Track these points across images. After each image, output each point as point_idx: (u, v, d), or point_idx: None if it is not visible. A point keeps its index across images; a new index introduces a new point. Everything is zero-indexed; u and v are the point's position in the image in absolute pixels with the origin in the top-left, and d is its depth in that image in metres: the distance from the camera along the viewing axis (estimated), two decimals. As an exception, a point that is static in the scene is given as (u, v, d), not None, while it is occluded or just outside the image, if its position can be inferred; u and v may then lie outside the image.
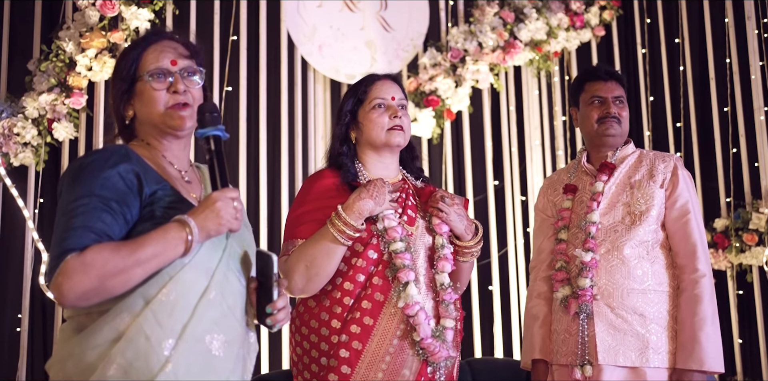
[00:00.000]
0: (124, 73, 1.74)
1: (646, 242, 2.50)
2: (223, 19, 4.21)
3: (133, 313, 1.55)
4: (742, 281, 4.51)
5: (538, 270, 2.69)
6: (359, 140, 2.35)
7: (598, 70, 2.69)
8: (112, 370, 1.51)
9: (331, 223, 2.13)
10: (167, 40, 1.78)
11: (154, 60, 1.73)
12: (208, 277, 1.61)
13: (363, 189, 2.17)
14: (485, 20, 4.59)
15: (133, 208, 1.61)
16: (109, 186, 1.58)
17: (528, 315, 2.67)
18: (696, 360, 2.36)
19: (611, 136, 2.60)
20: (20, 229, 3.65)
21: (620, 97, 2.63)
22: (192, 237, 1.56)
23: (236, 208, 1.61)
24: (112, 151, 1.65)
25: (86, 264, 1.49)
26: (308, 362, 2.18)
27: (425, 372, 2.16)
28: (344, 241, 2.13)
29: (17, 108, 3.62)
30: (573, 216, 2.61)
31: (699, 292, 2.43)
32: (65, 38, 3.67)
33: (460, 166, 4.72)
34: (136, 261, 1.52)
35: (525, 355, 2.64)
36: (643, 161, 2.61)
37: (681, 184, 2.54)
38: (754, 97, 4.60)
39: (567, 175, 2.73)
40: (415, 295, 2.15)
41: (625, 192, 2.56)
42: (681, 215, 2.52)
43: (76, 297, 1.50)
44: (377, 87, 2.34)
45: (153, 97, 1.72)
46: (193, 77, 1.76)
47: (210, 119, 1.67)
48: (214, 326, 1.60)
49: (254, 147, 4.22)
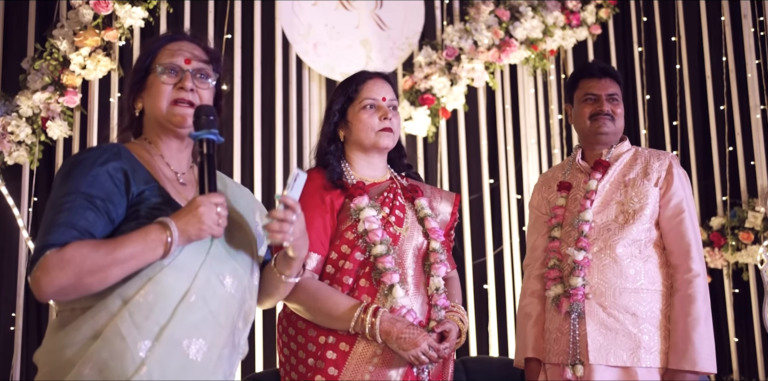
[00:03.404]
0: (139, 65, 1.78)
1: (639, 241, 2.48)
2: (218, 18, 4.21)
3: (111, 312, 1.55)
4: (738, 280, 4.51)
5: (531, 268, 2.67)
6: (347, 139, 2.33)
7: (593, 67, 2.66)
8: (87, 370, 1.51)
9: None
10: (188, 42, 1.80)
11: (169, 55, 1.76)
12: (189, 280, 1.61)
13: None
14: (481, 18, 4.59)
15: (119, 207, 1.61)
16: (96, 184, 1.60)
17: (521, 313, 2.65)
18: (689, 360, 2.34)
19: (604, 134, 2.58)
20: (14, 227, 3.65)
21: (614, 94, 2.60)
22: (172, 240, 1.56)
23: (219, 213, 1.60)
24: (105, 149, 1.67)
25: (64, 260, 1.51)
26: (295, 363, 2.18)
27: (411, 372, 2.15)
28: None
29: (11, 106, 3.62)
30: (567, 214, 2.59)
31: (692, 291, 2.40)
32: (59, 37, 3.67)
33: (455, 164, 4.71)
34: (114, 260, 1.52)
35: (518, 353, 2.62)
36: (638, 159, 2.59)
37: (676, 183, 2.52)
38: (751, 95, 4.60)
39: (561, 173, 2.71)
40: (400, 297, 2.14)
41: (619, 190, 2.54)
42: (675, 214, 2.49)
43: (53, 292, 1.52)
44: (368, 86, 2.31)
45: (160, 90, 1.74)
46: (205, 79, 1.77)
47: (205, 122, 1.66)
48: (193, 330, 1.59)
49: (249, 146, 4.22)
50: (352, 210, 2.22)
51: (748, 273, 4.45)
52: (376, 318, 2.08)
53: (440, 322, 2.19)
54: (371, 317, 2.08)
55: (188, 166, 1.83)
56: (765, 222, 4.37)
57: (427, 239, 2.29)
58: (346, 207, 2.24)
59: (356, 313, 2.09)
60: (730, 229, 4.44)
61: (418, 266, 2.25)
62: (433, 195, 2.43)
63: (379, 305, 2.13)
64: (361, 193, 2.24)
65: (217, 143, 1.67)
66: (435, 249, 2.27)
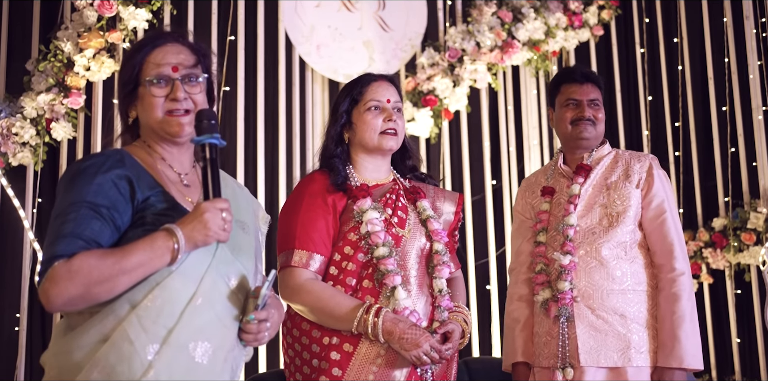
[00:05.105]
0: (127, 77, 1.74)
1: (624, 243, 2.50)
2: (221, 19, 4.22)
3: (119, 317, 1.55)
4: (740, 281, 4.52)
5: (518, 272, 2.68)
6: (352, 141, 2.34)
7: (575, 73, 2.68)
8: (96, 373, 1.52)
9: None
10: (172, 44, 1.76)
11: (155, 66, 1.72)
12: (195, 284, 1.61)
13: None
14: (483, 20, 4.59)
15: (124, 215, 1.61)
16: (101, 192, 1.59)
17: (509, 318, 2.66)
18: (676, 358, 2.38)
19: (585, 138, 2.60)
20: (18, 228, 3.66)
21: (596, 99, 2.62)
22: (179, 246, 1.56)
23: (225, 219, 1.60)
24: (108, 156, 1.66)
25: (72, 271, 1.51)
26: (300, 364, 2.19)
27: (415, 373, 2.16)
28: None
29: (16, 108, 3.63)
30: (551, 218, 2.61)
31: (677, 290, 2.43)
32: (63, 38, 3.68)
33: (458, 165, 4.72)
34: (122, 269, 1.53)
35: (506, 357, 2.64)
36: (619, 162, 2.62)
37: (656, 184, 2.54)
38: (753, 96, 4.60)
39: (544, 177, 2.73)
40: (402, 299, 2.15)
41: (602, 193, 2.56)
42: (657, 215, 2.52)
43: (62, 303, 1.52)
44: (373, 88, 2.32)
45: (152, 103, 1.71)
46: (195, 83, 1.74)
47: (207, 127, 1.65)
48: (199, 333, 1.60)
49: (252, 147, 4.23)
50: (355, 212, 2.23)
51: (750, 274, 4.45)
52: (379, 318, 2.09)
53: (443, 322, 2.21)
54: (374, 317, 2.09)
55: (191, 166, 1.82)
56: (767, 223, 4.37)
57: (429, 241, 2.30)
58: (348, 208, 2.25)
59: (359, 313, 2.10)
60: (732, 230, 4.45)
61: (421, 267, 2.26)
62: (436, 195, 2.44)
63: (381, 305, 2.14)
64: (365, 195, 2.25)
65: (219, 147, 1.66)
66: (438, 250, 2.28)
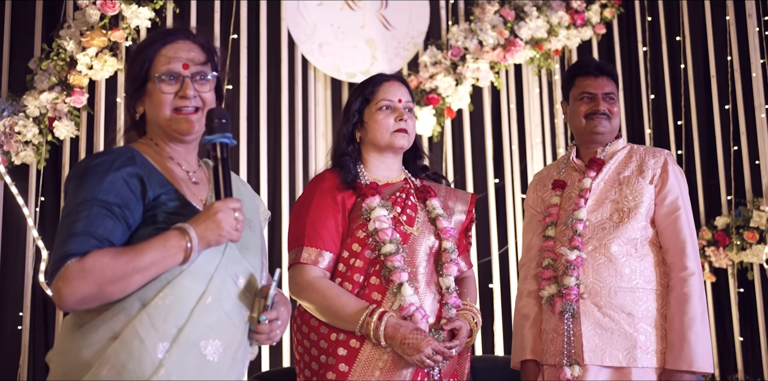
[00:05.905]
0: (136, 72, 1.73)
1: (635, 239, 2.44)
2: (224, 18, 4.22)
3: (129, 314, 1.55)
4: (743, 279, 4.52)
5: (527, 268, 2.62)
6: (363, 140, 2.36)
7: (589, 65, 2.61)
8: (105, 371, 1.51)
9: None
10: (183, 41, 1.75)
11: (166, 62, 1.71)
12: (205, 283, 1.61)
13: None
14: (486, 18, 4.59)
15: (135, 213, 1.61)
16: (112, 190, 1.58)
17: (518, 314, 2.60)
18: (685, 360, 2.31)
19: (600, 133, 2.54)
20: (21, 227, 3.66)
21: (611, 93, 2.56)
22: (191, 245, 1.56)
23: (237, 218, 1.60)
24: (118, 154, 1.65)
25: (85, 270, 1.50)
26: (309, 360, 2.20)
27: (422, 370, 2.17)
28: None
29: (18, 106, 3.63)
30: (561, 212, 2.55)
31: (688, 290, 2.36)
32: (66, 37, 3.68)
33: (460, 164, 4.72)
34: (135, 268, 1.52)
35: (515, 355, 2.57)
36: (633, 157, 2.55)
37: (671, 180, 2.47)
38: (755, 94, 4.60)
39: (556, 171, 2.67)
40: (409, 296, 2.15)
41: (614, 188, 2.50)
42: (670, 212, 2.45)
43: (75, 301, 1.51)
44: (385, 88, 2.35)
45: (161, 99, 1.70)
46: (205, 80, 1.73)
47: (219, 126, 1.64)
48: (209, 331, 1.60)
49: (255, 146, 4.23)
50: (364, 209, 2.24)
51: (752, 272, 4.45)
52: (381, 322, 2.10)
53: (450, 319, 2.21)
54: (376, 321, 2.10)
55: (198, 164, 1.82)
56: (770, 221, 4.37)
57: (439, 239, 2.30)
58: (357, 206, 2.26)
59: (362, 316, 2.11)
60: (735, 229, 4.45)
61: (429, 265, 2.27)
62: (448, 195, 2.44)
63: (386, 309, 2.14)
64: (373, 193, 2.26)
65: (230, 146, 1.66)
66: (446, 249, 2.28)
